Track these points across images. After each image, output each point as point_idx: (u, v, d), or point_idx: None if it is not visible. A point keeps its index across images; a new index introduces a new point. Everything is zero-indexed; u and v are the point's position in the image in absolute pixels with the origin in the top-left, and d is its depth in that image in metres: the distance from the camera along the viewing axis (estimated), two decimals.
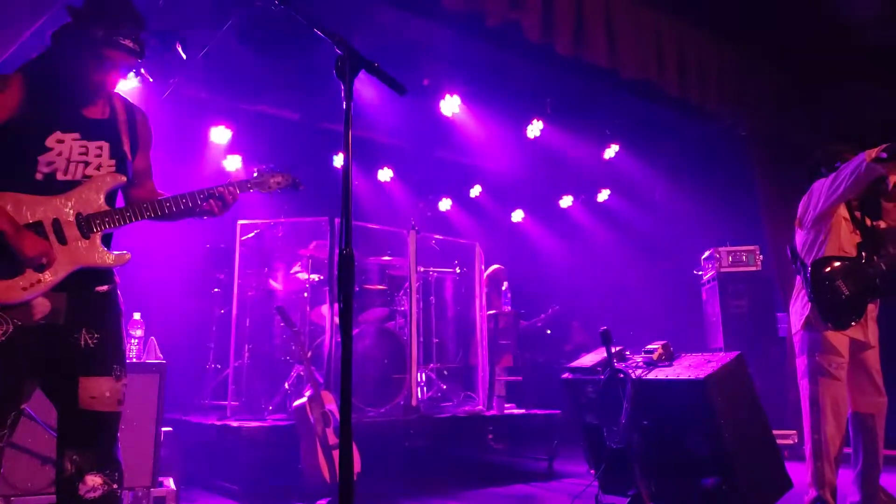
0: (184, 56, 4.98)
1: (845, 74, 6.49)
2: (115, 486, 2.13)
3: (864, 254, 3.59)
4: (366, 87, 5.92)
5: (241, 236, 5.44)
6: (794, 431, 5.86)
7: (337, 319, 5.47)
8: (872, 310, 3.63)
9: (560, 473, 5.38)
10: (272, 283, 5.96)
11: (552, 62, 5.84)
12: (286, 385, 5.26)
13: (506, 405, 5.98)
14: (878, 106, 6.10)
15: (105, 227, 2.19)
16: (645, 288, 8.46)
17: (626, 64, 5.75)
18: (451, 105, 6.46)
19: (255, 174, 2.60)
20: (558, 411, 5.74)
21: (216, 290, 5.93)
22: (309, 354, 5.53)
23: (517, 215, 9.29)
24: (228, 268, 5.56)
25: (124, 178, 2.27)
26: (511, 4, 5.04)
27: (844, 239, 3.62)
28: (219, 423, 4.74)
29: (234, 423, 4.61)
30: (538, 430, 5.77)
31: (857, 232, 3.66)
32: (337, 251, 2.02)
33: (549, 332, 8.44)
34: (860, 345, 3.59)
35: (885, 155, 3.34)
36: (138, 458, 3.56)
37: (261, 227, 5.73)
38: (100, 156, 2.23)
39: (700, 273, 7.00)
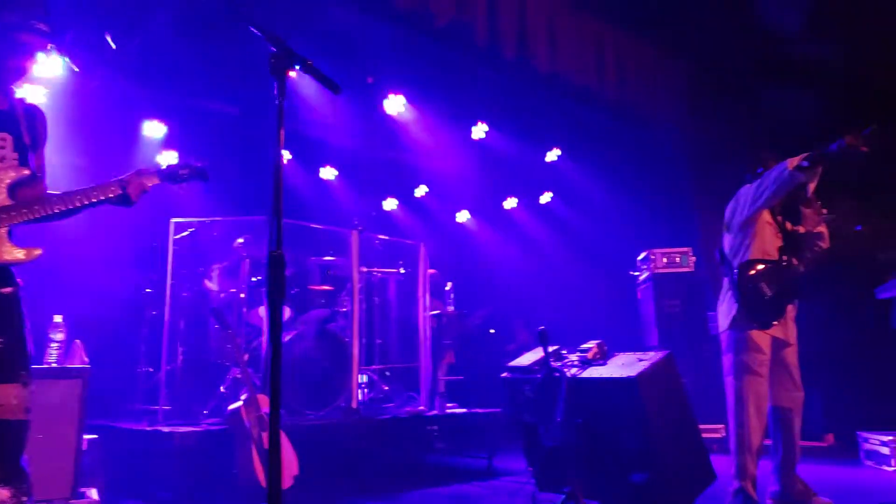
0: (113, 46, 4.82)
1: (776, 84, 6.78)
2: (24, 498, 2.03)
3: (784, 257, 3.75)
4: (309, 84, 5.85)
5: (174, 234, 5.29)
6: (723, 425, 6.07)
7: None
8: (791, 310, 3.80)
9: (500, 471, 5.44)
10: (208, 283, 5.83)
11: (498, 66, 5.92)
12: (222, 388, 5.15)
13: (448, 405, 6.01)
14: (804, 114, 6.40)
15: (11, 221, 2.10)
16: (585, 288, 8.63)
17: (567, 70, 5.88)
18: (395, 104, 6.45)
19: (164, 166, 2.55)
20: (499, 410, 5.80)
21: (148, 290, 5.75)
22: (246, 357, 5.42)
23: (462, 216, 9.35)
24: (162, 267, 5.41)
25: (28, 172, 2.19)
26: (458, 7, 5.09)
27: (768, 243, 3.78)
28: (149, 428, 4.59)
29: (166, 429, 4.48)
30: (480, 429, 5.82)
31: (780, 236, 3.83)
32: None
33: (492, 331, 8.53)
34: (781, 343, 3.75)
35: (805, 164, 3.50)
36: (57, 468, 3.41)
37: (196, 226, 5.58)
38: (3, 147, 2.14)
39: (636, 274, 7.18)
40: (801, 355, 3.85)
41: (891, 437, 5.10)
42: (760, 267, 3.71)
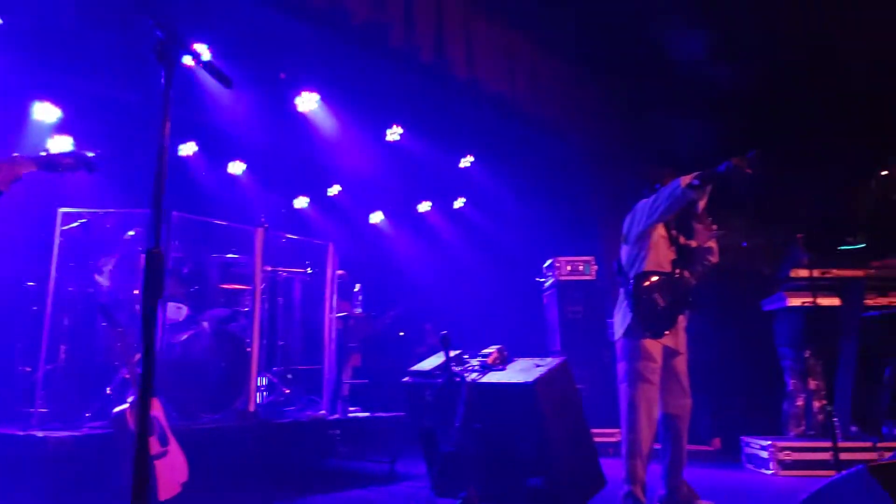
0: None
1: (677, 104, 7.11)
2: None
3: (677, 270, 3.91)
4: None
5: (62, 226, 4.96)
6: (619, 430, 6.27)
7: (168, 318, 5.22)
8: (682, 321, 3.96)
9: (401, 476, 5.40)
10: (98, 278, 5.49)
11: (414, 69, 5.90)
12: (108, 390, 4.86)
13: (351, 409, 5.92)
14: (702, 135, 6.73)
15: None
16: (495, 293, 8.75)
17: (481, 77, 5.94)
18: (308, 101, 6.31)
19: (42, 153, 2.38)
20: (403, 413, 5.77)
21: (31, 283, 5.37)
22: (137, 357, 5.16)
23: (376, 217, 9.28)
24: (46, 260, 5.06)
25: None
26: (374, 6, 5.03)
27: (662, 255, 3.93)
28: (22, 433, 4.26)
29: (40, 433, 4.16)
30: (383, 434, 5.77)
31: (673, 249, 3.99)
32: (170, 246, 1.88)
33: (402, 333, 8.49)
34: (671, 352, 3.90)
35: (696, 182, 3.67)
36: None
37: (87, 217, 5.25)
38: None
39: (542, 280, 7.33)
40: (691, 363, 4.01)
41: (769, 442, 5.38)
42: (654, 279, 3.85)
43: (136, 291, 5.20)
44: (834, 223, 6.29)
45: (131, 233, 5.34)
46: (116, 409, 4.12)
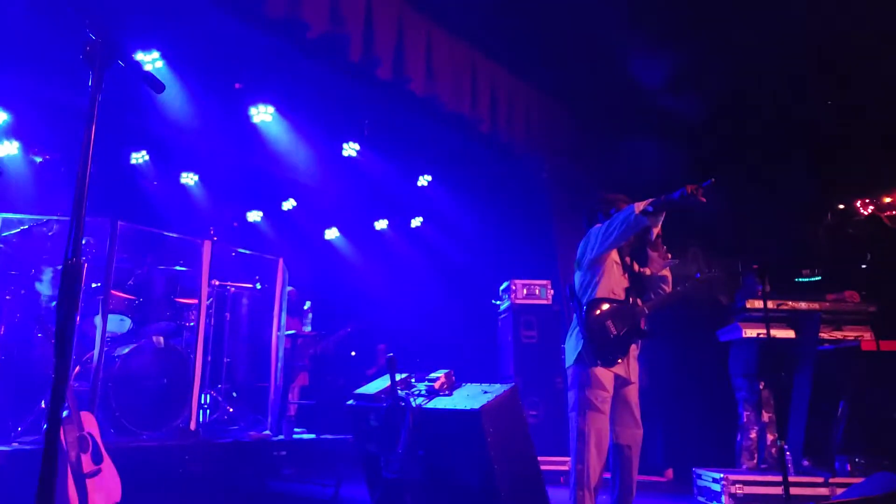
0: None
1: (637, 131, 7.18)
2: None
3: (630, 298, 3.88)
4: (171, 80, 5.49)
5: (1, 231, 4.75)
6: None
7: (110, 330, 5.00)
8: (634, 349, 3.92)
9: (346, 500, 5.24)
10: (38, 286, 5.26)
11: (373, 85, 5.83)
12: (43, 404, 4.63)
13: (297, 429, 5.74)
14: (661, 161, 6.79)
15: None
16: (450, 314, 8.66)
17: (442, 95, 5.89)
18: (263, 113, 6.19)
19: None
20: (350, 436, 5.61)
21: None
22: (76, 370, 4.94)
23: (331, 233, 9.13)
24: None
25: None
26: (333, 19, 4.95)
27: (615, 282, 3.89)
28: None
29: None
30: (329, 456, 5.61)
31: (626, 276, 3.96)
32: (114, 256, 1.77)
33: (353, 353, 8.33)
34: (623, 381, 3.85)
35: (650, 208, 3.65)
36: None
37: (29, 224, 5.04)
38: None
39: (497, 303, 7.26)
40: (646, 392, 3.98)
41: (721, 475, 5.34)
42: (606, 306, 3.81)
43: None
44: (791, 255, 6.36)
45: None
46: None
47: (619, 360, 3.79)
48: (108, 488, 3.84)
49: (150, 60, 5.31)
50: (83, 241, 5.25)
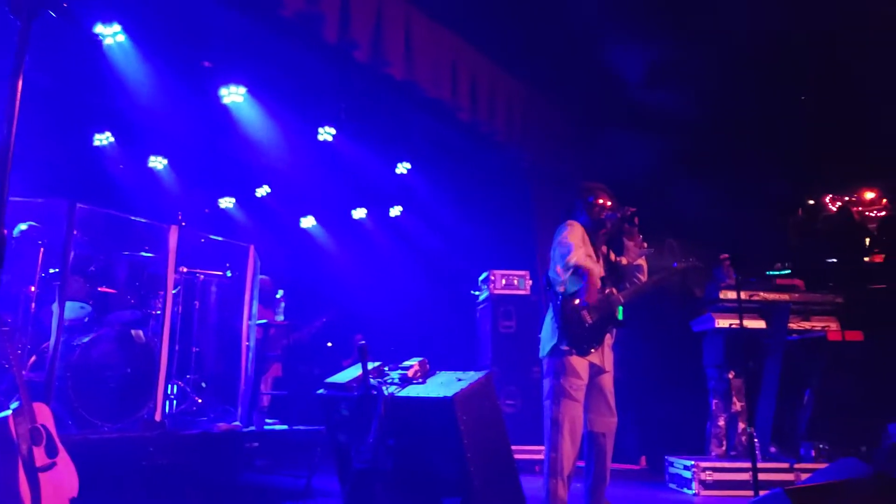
0: None
1: (617, 123, 7.15)
2: None
3: (606, 287, 3.83)
4: (136, 59, 5.28)
5: None
6: None
7: (69, 318, 4.82)
8: (609, 338, 3.88)
9: (318, 492, 5.14)
10: None
11: (350, 68, 5.69)
12: None
13: (269, 420, 5.62)
14: (640, 153, 6.78)
15: None
16: (430, 305, 8.58)
17: (421, 80, 5.77)
18: (234, 94, 6.00)
19: None
20: (323, 427, 5.50)
21: None
22: (32, 359, 4.76)
23: (307, 221, 8.97)
24: None
25: None
26: None
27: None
28: None
29: None
30: (302, 447, 5.50)
31: (602, 266, 3.91)
32: (72, 240, 1.63)
33: (329, 344, 8.21)
34: (598, 369, 3.81)
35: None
36: None
37: None
38: None
39: (476, 293, 7.21)
40: (622, 381, 3.94)
41: (692, 462, 5.38)
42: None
43: (32, 289, 4.79)
44: (762, 249, 6.41)
45: (22, 227, 4.91)
46: None
47: (594, 350, 3.76)
48: (64, 483, 3.68)
49: (111, 34, 5.08)
50: (25, 227, 5.06)
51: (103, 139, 6.88)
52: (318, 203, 8.83)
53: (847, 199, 6.73)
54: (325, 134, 6.78)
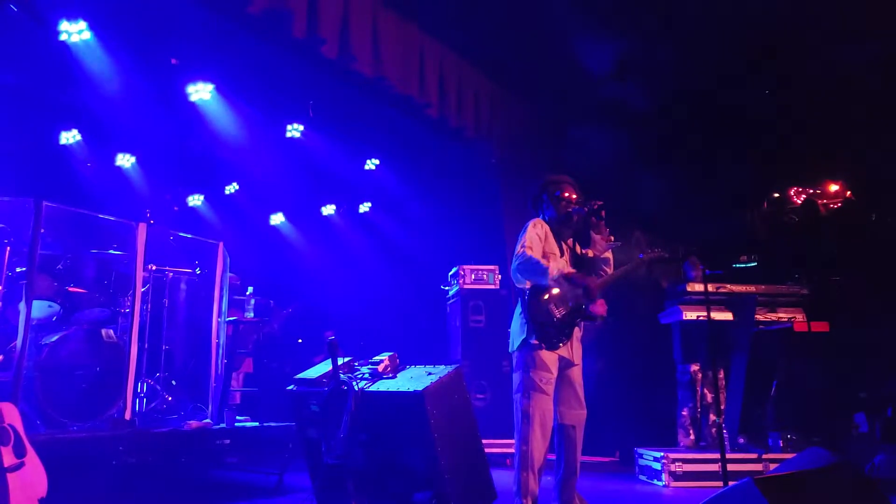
0: None
1: (584, 118, 7.22)
2: None
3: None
4: (104, 57, 5.22)
5: None
6: None
7: (36, 317, 4.76)
8: (577, 332, 3.93)
9: (290, 488, 5.14)
10: None
11: (318, 64, 5.68)
12: None
13: (240, 417, 5.60)
14: (607, 147, 6.86)
15: None
16: (400, 300, 8.60)
17: (390, 77, 5.78)
18: (202, 91, 5.95)
19: None
20: (294, 423, 5.50)
21: None
22: (0, 358, 4.70)
23: (276, 218, 8.93)
24: None
25: None
26: None
27: (557, 266, 3.88)
28: None
29: None
30: (273, 443, 5.48)
31: (568, 259, 3.96)
32: (39, 238, 1.62)
33: (300, 340, 8.19)
34: (567, 362, 3.86)
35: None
36: None
37: None
38: None
39: (446, 288, 7.24)
40: (593, 374, 3.99)
41: (662, 454, 5.45)
42: (551, 290, 3.79)
43: None
44: (728, 242, 6.51)
45: None
46: None
47: (563, 343, 3.79)
48: (32, 482, 3.65)
49: (77, 31, 5.02)
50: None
51: (70, 137, 6.78)
52: (287, 200, 8.79)
53: (812, 191, 6.87)
54: (294, 131, 6.76)
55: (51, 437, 4.27)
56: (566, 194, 4.02)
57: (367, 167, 7.67)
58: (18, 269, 4.87)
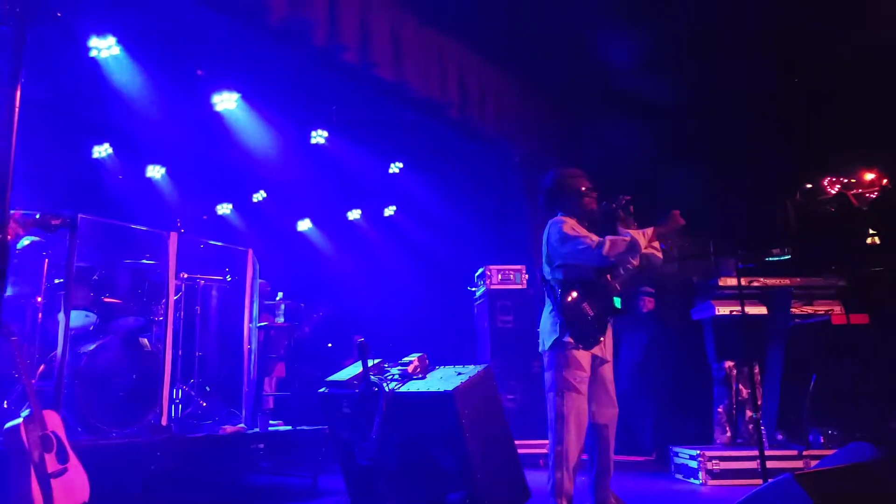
0: None
1: (608, 114, 7.16)
2: None
3: (601, 276, 3.85)
4: (132, 71, 5.33)
5: None
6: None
7: (74, 326, 4.87)
8: (609, 329, 3.89)
9: (323, 491, 5.18)
10: None
11: (340, 70, 5.73)
12: (4, 403, 4.52)
13: (273, 421, 5.67)
14: (631, 142, 6.80)
15: None
16: (426, 302, 8.61)
17: (410, 79, 5.81)
18: (228, 101, 6.05)
19: None
20: (326, 426, 5.54)
21: None
22: (41, 368, 4.81)
23: (303, 224, 9.02)
24: None
25: None
26: (295, 2, 4.83)
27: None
28: None
29: None
30: (306, 447, 5.54)
31: None
32: (75, 250, 1.67)
33: (330, 345, 8.26)
34: (599, 360, 3.82)
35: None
36: None
37: None
38: None
39: (473, 289, 7.23)
40: (629, 371, 3.95)
41: (698, 452, 5.37)
42: (580, 289, 3.77)
43: (38, 299, 4.85)
44: (761, 234, 6.41)
45: (26, 241, 4.97)
46: (9, 424, 3.78)
47: (598, 342, 3.76)
48: (75, 488, 3.74)
49: (106, 47, 5.15)
50: (28, 242, 5.12)
51: (102, 151, 6.95)
52: (314, 206, 8.87)
53: (846, 181, 6.72)
54: (318, 137, 6.83)
55: (91, 443, 4.37)
56: (588, 188, 3.99)
57: (391, 171, 7.71)
58: (56, 281, 5.00)
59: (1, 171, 1.58)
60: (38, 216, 2.48)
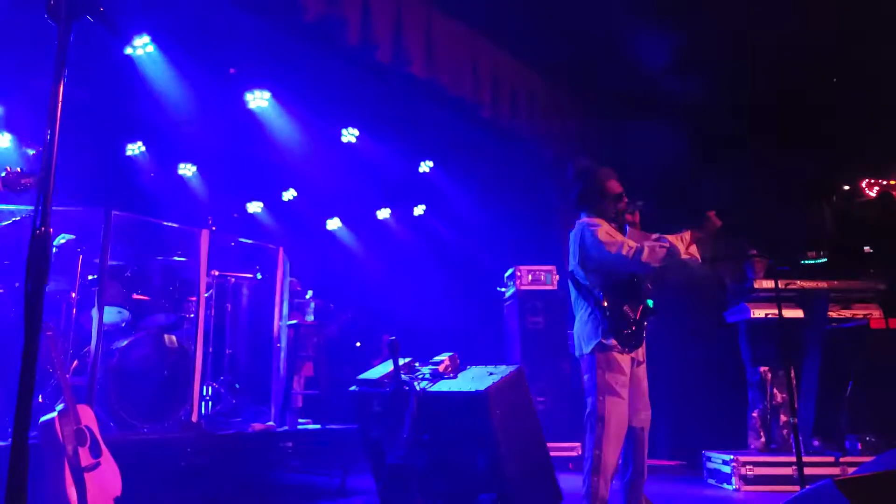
0: None
1: (641, 114, 7.06)
2: None
3: (634, 277, 3.78)
4: (166, 70, 5.39)
5: None
6: (580, 444, 6.11)
7: (107, 323, 4.93)
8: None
9: (352, 490, 5.17)
10: None
11: (371, 68, 5.73)
12: (40, 398, 4.58)
13: (302, 420, 5.67)
14: (664, 143, 6.69)
15: None
16: (456, 303, 8.57)
17: (442, 78, 5.79)
18: (260, 99, 6.08)
19: None
20: (356, 426, 5.53)
21: None
22: (75, 363, 4.87)
23: (333, 223, 9.05)
24: None
25: None
26: (329, 1, 4.84)
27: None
28: None
29: None
30: (335, 445, 5.53)
31: None
32: (109, 247, 1.67)
33: (359, 344, 8.26)
34: (636, 362, 3.76)
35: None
36: None
37: (22, 215, 4.95)
38: None
39: (503, 290, 7.18)
40: (662, 375, 3.87)
41: (731, 457, 5.28)
42: (620, 291, 3.70)
43: (73, 294, 4.91)
44: (796, 237, 6.28)
45: (62, 240, 5.03)
46: (44, 418, 3.83)
47: (639, 344, 3.70)
48: (108, 482, 3.77)
49: (141, 45, 5.22)
50: (64, 240, 5.18)
51: (135, 148, 7.05)
52: (344, 204, 8.90)
53: (885, 182, 6.56)
54: (349, 135, 6.84)
55: (123, 438, 4.41)
56: (621, 192, 3.93)
57: (420, 170, 7.69)
58: (90, 277, 5.06)
59: (45, 165, 1.57)
60: (2, 174, 2.45)
